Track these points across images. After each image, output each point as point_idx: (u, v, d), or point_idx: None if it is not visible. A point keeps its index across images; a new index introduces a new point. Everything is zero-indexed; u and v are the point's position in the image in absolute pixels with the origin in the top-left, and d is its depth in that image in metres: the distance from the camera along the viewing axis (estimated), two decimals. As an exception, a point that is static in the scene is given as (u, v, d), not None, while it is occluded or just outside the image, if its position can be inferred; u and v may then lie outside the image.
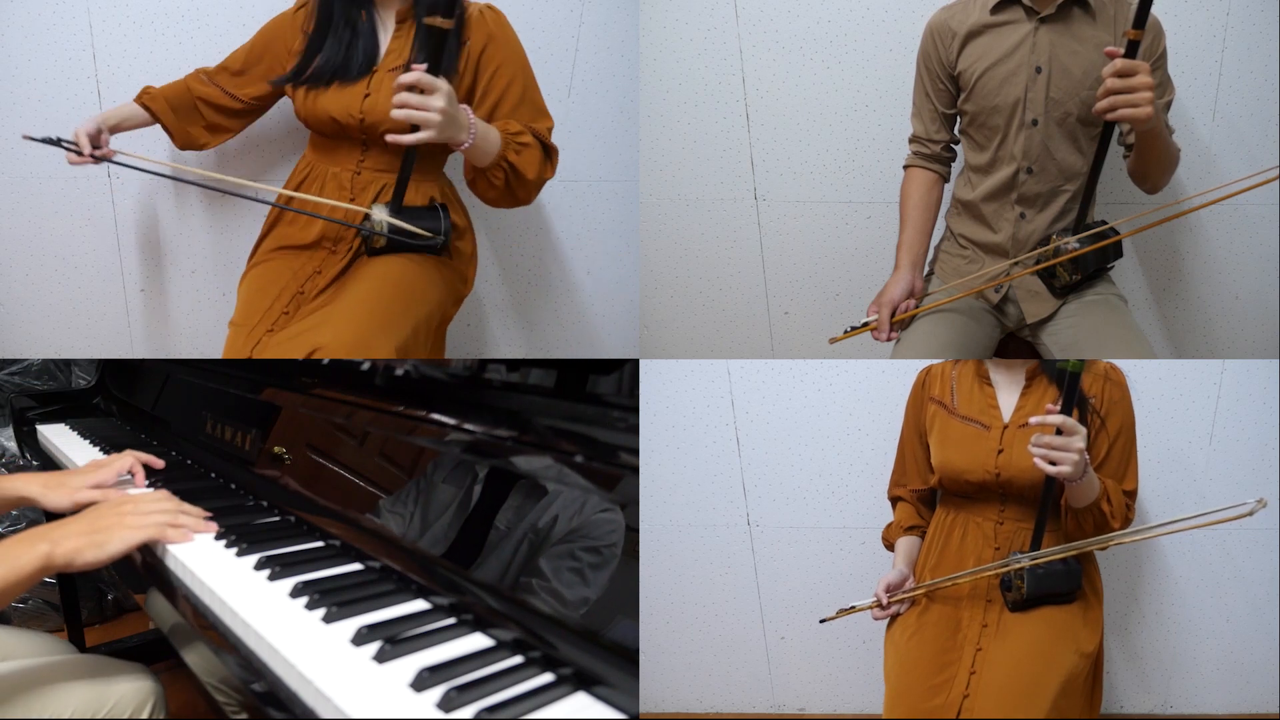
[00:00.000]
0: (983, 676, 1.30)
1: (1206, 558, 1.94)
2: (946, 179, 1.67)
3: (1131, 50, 1.29)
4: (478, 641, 0.87)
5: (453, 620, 0.90)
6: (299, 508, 1.24)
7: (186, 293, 2.03)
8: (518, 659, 0.83)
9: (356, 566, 1.06)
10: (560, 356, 2.14)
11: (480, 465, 1.01)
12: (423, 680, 0.76)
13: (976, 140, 1.58)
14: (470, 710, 0.73)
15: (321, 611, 0.90)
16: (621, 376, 0.97)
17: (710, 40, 1.89)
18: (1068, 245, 1.49)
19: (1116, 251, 1.52)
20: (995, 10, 1.50)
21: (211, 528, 1.13)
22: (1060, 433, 1.23)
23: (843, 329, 1.61)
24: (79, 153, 1.51)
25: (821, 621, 1.55)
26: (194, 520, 1.12)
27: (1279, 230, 1.90)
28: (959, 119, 1.61)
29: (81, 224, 1.97)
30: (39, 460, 1.81)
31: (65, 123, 1.55)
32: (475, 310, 2.10)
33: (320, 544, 1.14)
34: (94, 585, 2.43)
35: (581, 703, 0.77)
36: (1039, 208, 1.54)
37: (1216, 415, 1.87)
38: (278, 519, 1.25)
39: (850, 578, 2.00)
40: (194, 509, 1.15)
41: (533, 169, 1.53)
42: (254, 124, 1.75)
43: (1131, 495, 1.41)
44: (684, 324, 2.07)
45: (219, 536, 1.12)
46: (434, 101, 1.33)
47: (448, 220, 1.55)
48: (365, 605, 0.92)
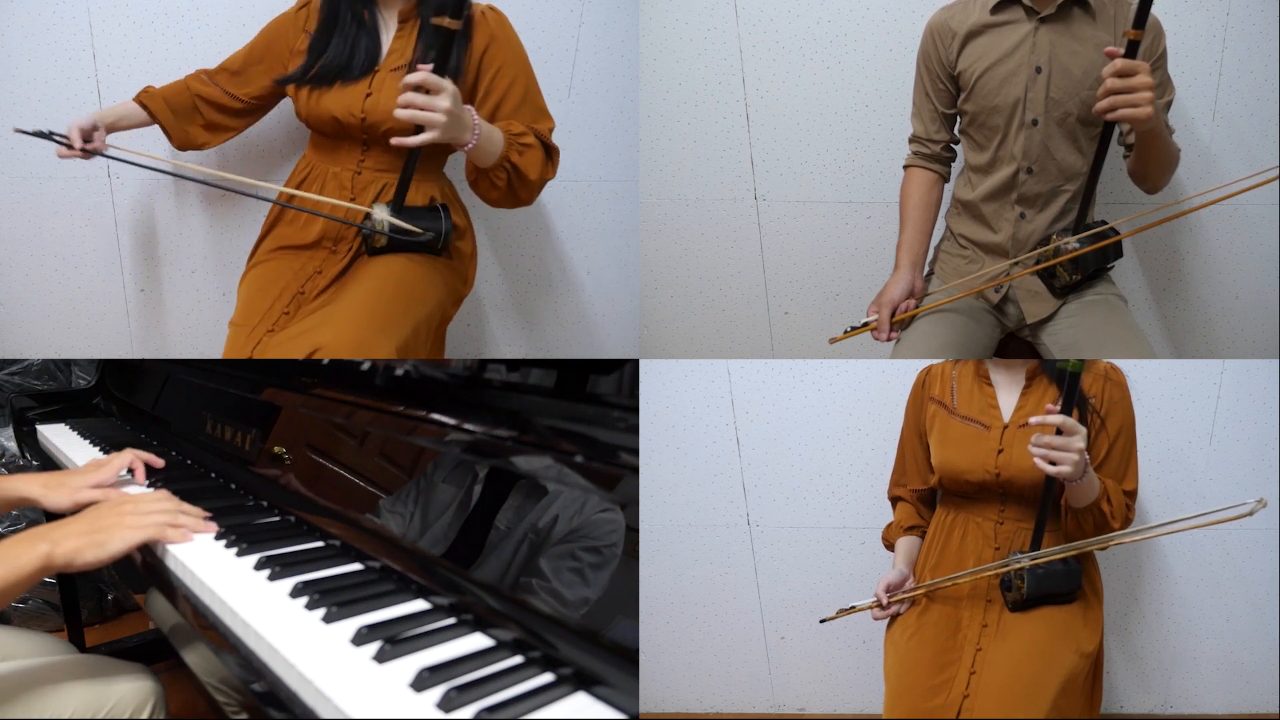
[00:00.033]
0: (983, 676, 1.30)
1: (1206, 558, 1.94)
2: (946, 179, 1.67)
3: (1131, 50, 1.29)
4: (478, 641, 0.87)
5: (453, 620, 0.90)
6: (299, 508, 1.24)
7: (186, 293, 2.03)
8: (518, 659, 0.83)
9: (356, 566, 1.06)
10: (560, 356, 2.14)
11: (480, 465, 1.01)
12: (423, 680, 0.76)
13: (976, 140, 1.58)
14: (470, 710, 0.73)
15: (321, 611, 0.90)
16: (621, 376, 0.97)
17: (710, 40, 1.89)
18: (1068, 245, 1.49)
19: (1116, 251, 1.52)
20: (995, 10, 1.50)
21: (211, 528, 1.13)
22: (1060, 433, 1.23)
23: (843, 329, 1.61)
24: (69, 146, 1.50)
25: (821, 621, 1.55)
26: (194, 520, 1.12)
27: (1279, 230, 1.90)
28: (959, 119, 1.61)
29: (81, 224, 1.97)
30: (39, 460, 1.81)
31: (65, 122, 1.55)
32: (475, 310, 2.10)
33: (320, 544, 1.14)
34: (94, 585, 2.43)
35: (581, 703, 0.77)
36: (1039, 208, 1.54)
37: (1216, 415, 1.87)
38: (278, 519, 1.25)
39: (850, 578, 2.00)
40: (194, 509, 1.15)
41: (535, 170, 1.53)
42: (254, 124, 1.75)
43: (1131, 495, 1.41)
44: (684, 324, 2.07)
45: (219, 536, 1.12)
46: (440, 102, 1.33)
47: (448, 220, 1.55)
48: (365, 605, 0.92)
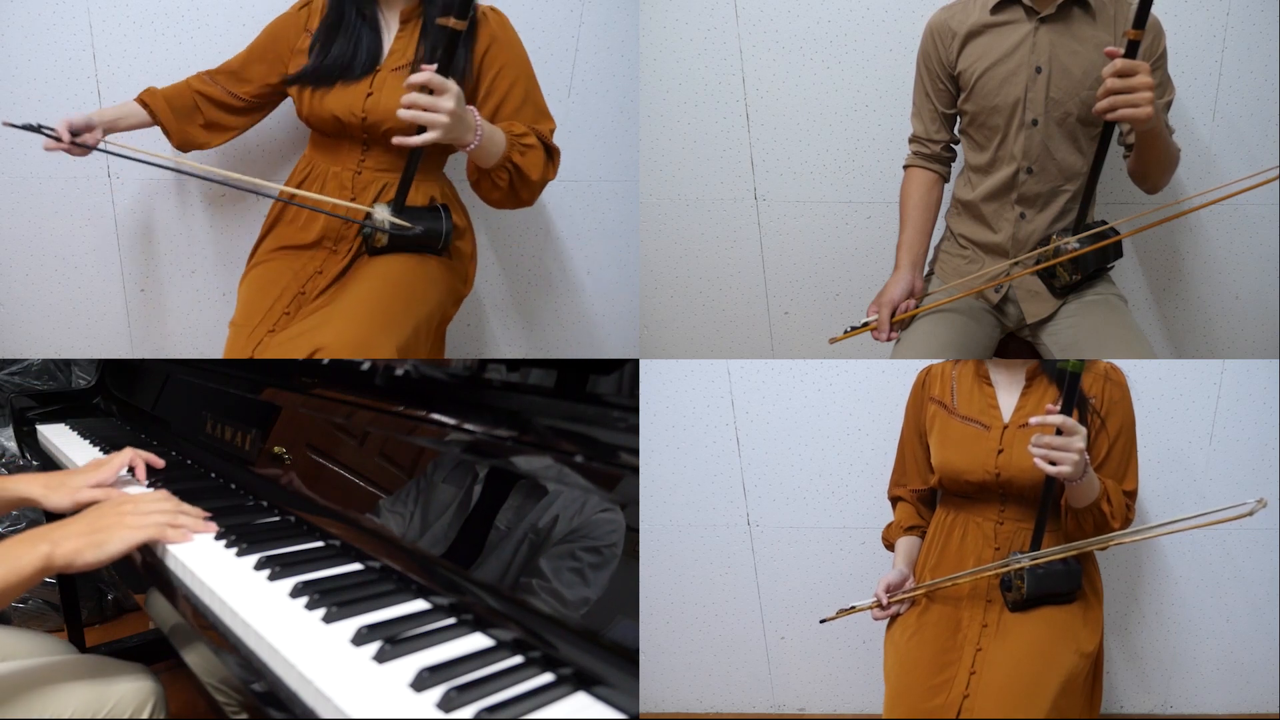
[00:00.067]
0: (983, 676, 1.30)
1: (1206, 558, 1.94)
2: (946, 179, 1.67)
3: (1131, 50, 1.29)
4: (478, 641, 0.87)
5: (453, 620, 0.90)
6: (299, 508, 1.24)
7: (186, 293, 2.03)
8: (518, 659, 0.83)
9: (356, 566, 1.06)
10: (560, 356, 2.14)
11: (480, 465, 1.01)
12: (423, 680, 0.76)
13: (976, 140, 1.58)
14: (470, 710, 0.73)
15: (321, 611, 0.90)
16: (621, 376, 0.97)
17: (710, 40, 1.89)
18: (1068, 245, 1.49)
19: (1116, 251, 1.52)
20: (995, 10, 1.50)
21: (211, 528, 1.13)
22: (1060, 433, 1.23)
23: (843, 329, 1.61)
24: (57, 139, 1.49)
25: (822, 622, 1.55)
26: (193, 520, 1.12)
27: (1279, 230, 1.90)
28: (959, 119, 1.61)
29: (81, 224, 1.97)
30: (39, 460, 1.81)
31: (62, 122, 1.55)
32: (475, 310, 2.10)
33: (320, 544, 1.14)
34: (94, 585, 2.43)
35: (581, 703, 0.77)
36: (1039, 208, 1.54)
37: (1216, 415, 1.87)
38: (278, 519, 1.25)
39: (850, 578, 2.00)
40: (193, 509, 1.15)
41: (536, 170, 1.53)
42: (255, 124, 1.74)
43: (1132, 495, 1.41)
44: (684, 324, 2.07)
45: (219, 536, 1.12)
46: (443, 103, 1.33)
47: (449, 220, 1.55)
48: (365, 605, 0.92)
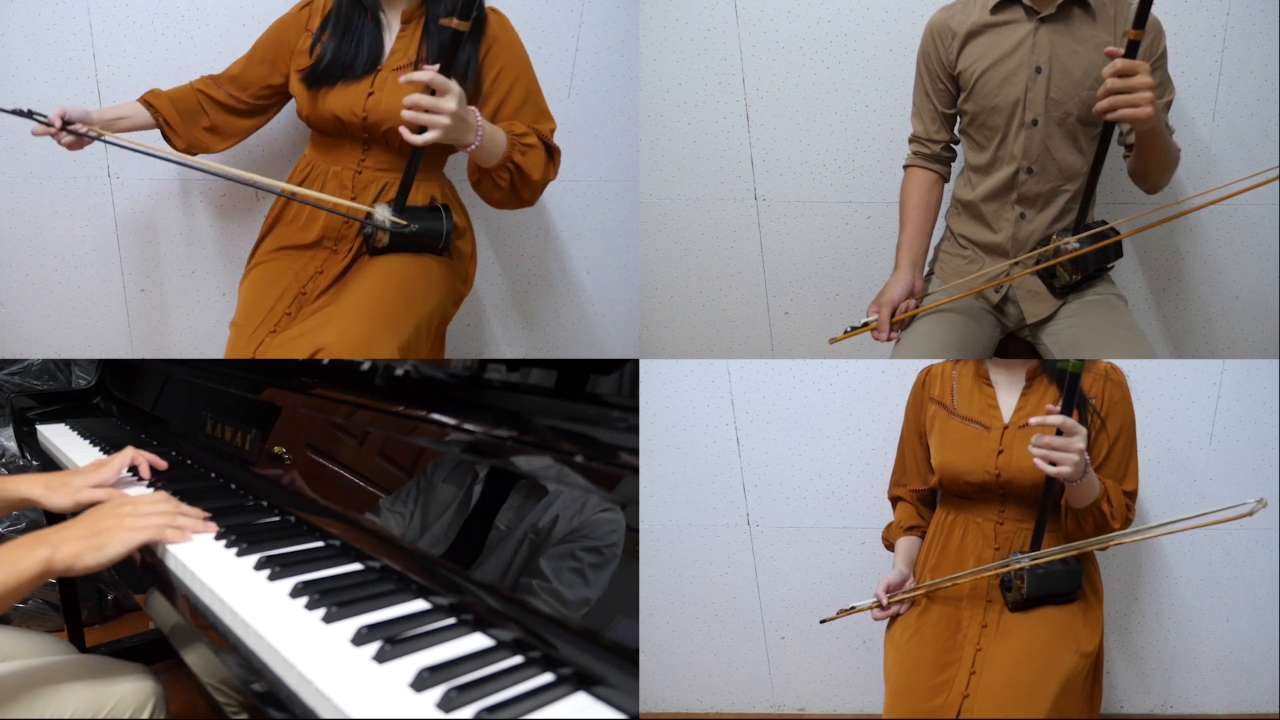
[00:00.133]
0: (983, 676, 1.30)
1: (1206, 558, 1.94)
2: (946, 179, 1.67)
3: (1131, 50, 1.29)
4: (478, 641, 0.87)
5: (453, 620, 0.90)
6: (299, 508, 1.24)
7: (186, 293, 2.03)
8: (518, 659, 0.83)
9: (356, 566, 1.06)
10: (560, 356, 2.14)
11: (480, 465, 1.01)
12: (423, 680, 0.76)
13: (976, 140, 1.58)
14: (470, 710, 0.73)
15: (321, 611, 0.90)
16: (621, 376, 0.97)
17: (710, 40, 1.89)
18: (1068, 245, 1.49)
19: (1116, 251, 1.52)
20: (995, 10, 1.50)
21: (210, 528, 1.13)
22: (1060, 433, 1.23)
23: (843, 329, 1.61)
24: (47, 124, 1.48)
25: (822, 622, 1.55)
26: (192, 521, 1.12)
27: (1279, 230, 1.90)
28: (959, 119, 1.61)
29: (81, 224, 1.97)
30: (39, 460, 1.81)
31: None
32: (475, 310, 2.10)
33: (320, 544, 1.14)
34: (94, 585, 2.43)
35: (581, 703, 0.77)
36: (1039, 208, 1.54)
37: (1216, 415, 1.87)
38: (278, 519, 1.25)
39: (850, 578, 2.00)
40: (193, 509, 1.15)
41: (537, 170, 1.53)
42: (259, 128, 1.74)
43: (1132, 496, 1.41)
44: (684, 324, 2.07)
45: (219, 536, 1.12)
46: (445, 104, 1.33)
47: (449, 220, 1.55)
48: (365, 605, 0.92)
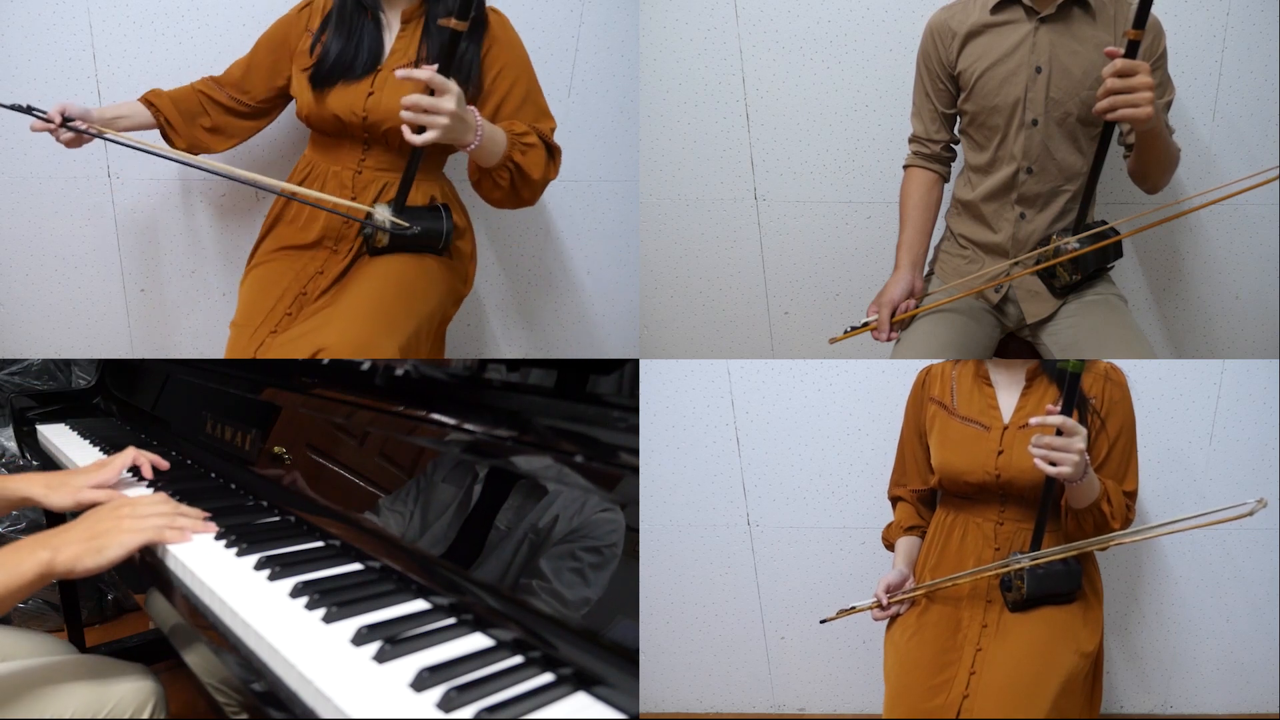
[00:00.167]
0: (983, 677, 1.30)
1: (1206, 558, 1.94)
2: (946, 179, 1.67)
3: (1131, 50, 1.29)
4: (478, 641, 0.87)
5: (453, 620, 0.90)
6: (299, 508, 1.24)
7: (186, 293, 2.03)
8: (518, 659, 0.83)
9: (356, 566, 1.06)
10: (560, 356, 2.14)
11: (480, 465, 1.01)
12: (423, 680, 0.76)
13: (976, 140, 1.58)
14: (470, 710, 0.73)
15: (321, 611, 0.90)
16: (621, 376, 0.97)
17: (710, 40, 1.89)
18: (1068, 245, 1.49)
19: (1116, 251, 1.52)
20: (995, 10, 1.50)
21: (210, 528, 1.13)
22: (1060, 433, 1.23)
23: (843, 329, 1.61)
24: (47, 120, 1.48)
25: (822, 622, 1.55)
26: (192, 521, 1.12)
27: (1279, 230, 1.90)
28: (959, 119, 1.61)
29: (81, 224, 1.97)
30: (39, 460, 1.81)
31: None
32: (475, 310, 2.10)
33: (320, 544, 1.14)
34: (94, 585, 2.43)
35: (581, 703, 0.77)
36: (1039, 208, 1.54)
37: (1216, 415, 1.87)
38: (278, 519, 1.25)
39: (850, 578, 2.00)
40: (192, 510, 1.15)
41: (538, 169, 1.53)
42: (260, 129, 1.74)
43: (1132, 496, 1.41)
44: (684, 324, 2.07)
45: (219, 536, 1.12)
46: (444, 103, 1.33)
47: (449, 220, 1.55)
48: (365, 605, 0.92)
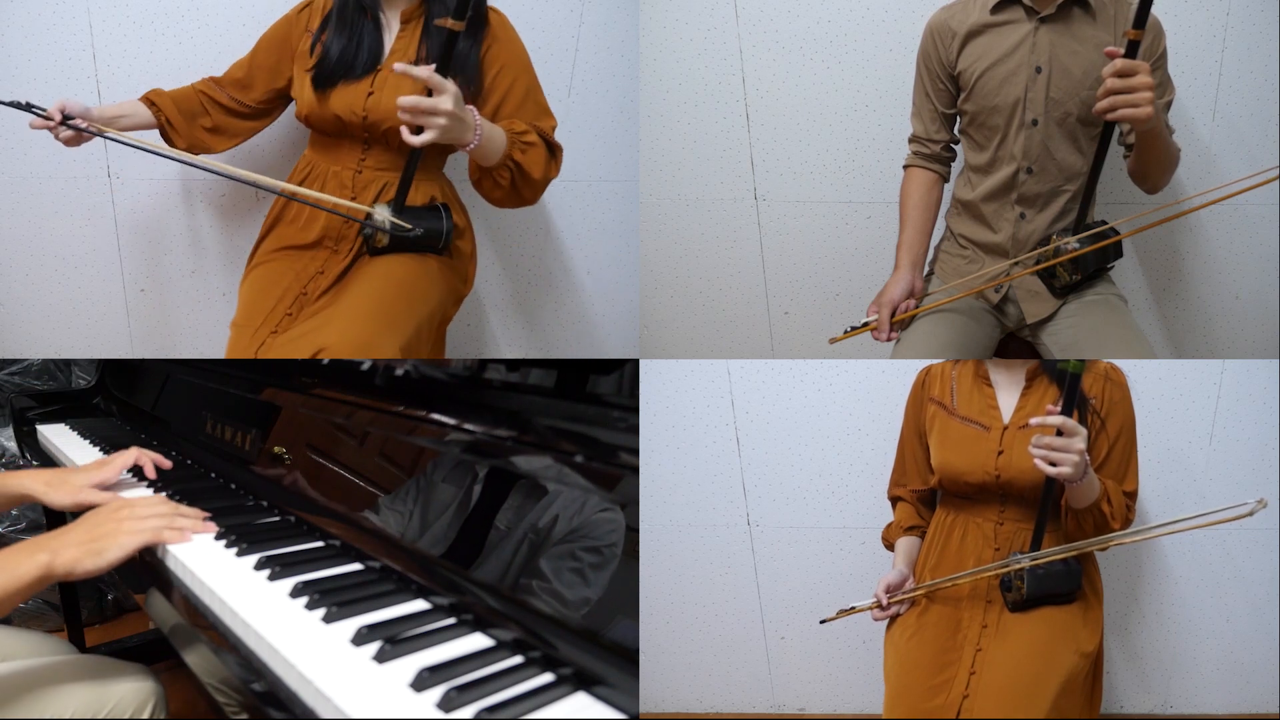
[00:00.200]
0: (982, 677, 1.30)
1: (1206, 558, 1.94)
2: (946, 179, 1.67)
3: (1131, 50, 1.29)
4: (478, 641, 0.87)
5: (453, 620, 0.90)
6: (299, 508, 1.24)
7: (186, 293, 2.03)
8: (518, 659, 0.83)
9: (356, 566, 1.06)
10: (560, 356, 2.14)
11: (480, 465, 1.01)
12: (423, 680, 0.76)
13: (976, 140, 1.58)
14: (470, 710, 0.73)
15: (321, 611, 0.90)
16: (621, 376, 0.97)
17: (710, 40, 1.89)
18: (1068, 245, 1.49)
19: (1116, 251, 1.52)
20: (995, 10, 1.50)
21: (210, 528, 1.13)
22: (1061, 434, 1.23)
23: (843, 329, 1.61)
24: (46, 117, 1.48)
25: (822, 622, 1.55)
26: (191, 521, 1.12)
27: (1279, 230, 1.90)
28: (959, 119, 1.61)
29: (81, 224, 1.97)
30: (39, 460, 1.81)
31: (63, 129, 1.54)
32: (475, 310, 2.10)
33: (320, 544, 1.14)
34: (94, 585, 2.43)
35: (581, 703, 0.77)
36: (1039, 208, 1.54)
37: (1216, 415, 1.87)
38: (278, 519, 1.25)
39: (850, 578, 2.00)
40: (192, 510, 1.15)
41: (538, 168, 1.53)
42: (260, 130, 1.74)
43: (1132, 496, 1.41)
44: (684, 324, 2.07)
45: (219, 536, 1.12)
46: (442, 104, 1.33)
47: (449, 219, 1.55)
48: (365, 605, 0.92)
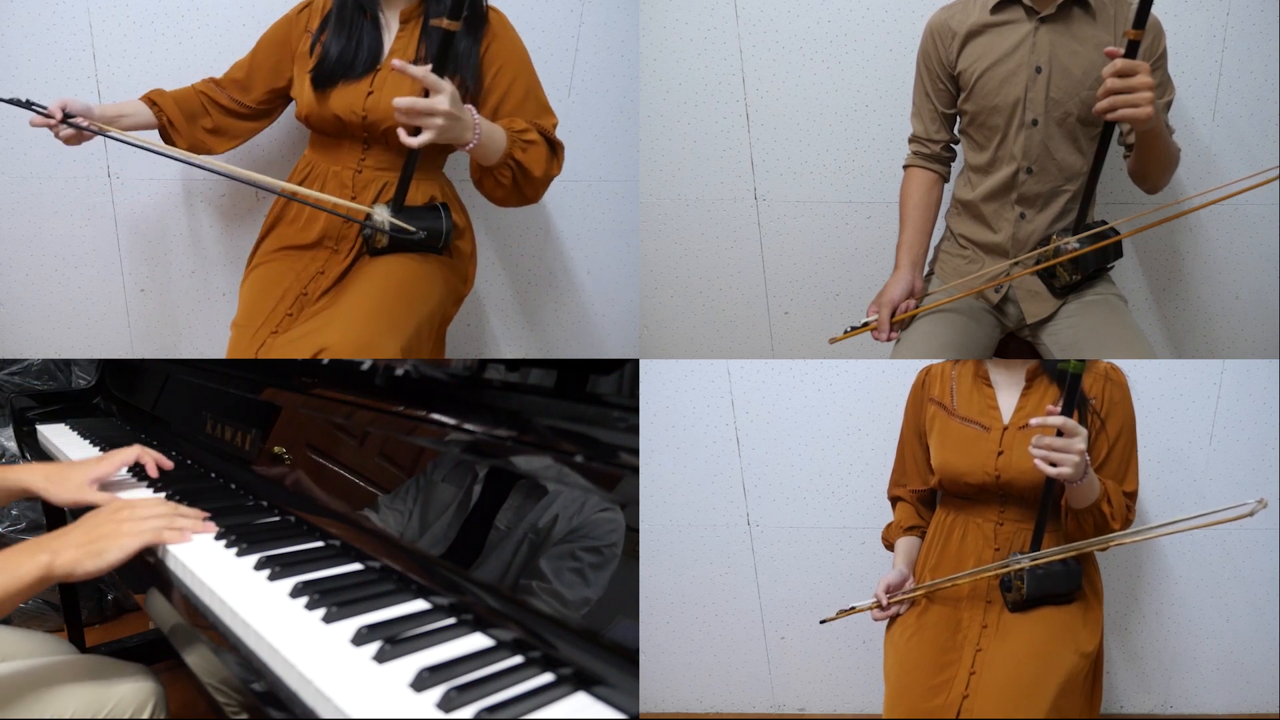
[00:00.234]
0: (982, 677, 1.30)
1: (1206, 558, 1.94)
2: (946, 179, 1.67)
3: (1131, 50, 1.29)
4: (478, 641, 0.87)
5: (453, 620, 0.90)
6: (299, 508, 1.24)
7: (186, 293, 2.03)
8: (518, 659, 0.83)
9: (356, 566, 1.06)
10: (560, 356, 2.14)
11: (480, 465, 1.01)
12: (423, 680, 0.76)
13: (976, 140, 1.58)
14: (470, 710, 0.73)
15: (321, 611, 0.90)
16: (621, 376, 0.97)
17: (710, 40, 1.89)
18: (1068, 245, 1.49)
19: (1116, 251, 1.52)
20: (995, 10, 1.50)
21: (209, 528, 1.13)
22: (1061, 434, 1.23)
23: (843, 329, 1.61)
24: (46, 115, 1.48)
25: (822, 622, 1.55)
26: (191, 521, 1.12)
27: (1279, 230, 1.90)
28: (959, 119, 1.61)
29: (81, 224, 1.97)
30: (39, 460, 1.81)
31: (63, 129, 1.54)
32: (475, 310, 2.10)
33: (320, 544, 1.14)
34: (94, 585, 2.43)
35: (581, 703, 0.77)
36: (1039, 208, 1.54)
37: (1216, 415, 1.87)
38: (278, 519, 1.25)
39: (850, 578, 2.00)
40: (192, 511, 1.15)
41: (540, 166, 1.53)
42: (260, 131, 1.74)
43: (1132, 496, 1.41)
44: (684, 324, 2.07)
45: (219, 536, 1.12)
46: (438, 104, 1.33)
47: (449, 219, 1.55)
48: (365, 605, 0.92)
